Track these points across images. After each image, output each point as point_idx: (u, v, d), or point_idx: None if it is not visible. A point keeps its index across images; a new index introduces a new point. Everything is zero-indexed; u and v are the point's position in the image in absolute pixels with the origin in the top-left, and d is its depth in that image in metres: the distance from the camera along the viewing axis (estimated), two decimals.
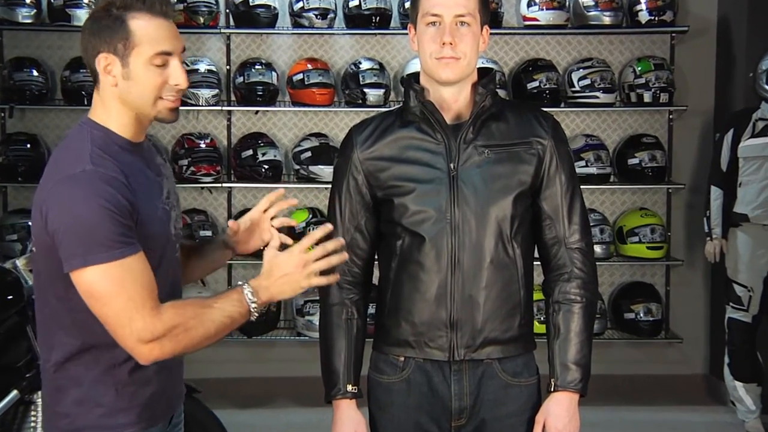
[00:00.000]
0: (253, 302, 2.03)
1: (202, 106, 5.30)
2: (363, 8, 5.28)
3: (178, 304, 1.99)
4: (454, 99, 2.34)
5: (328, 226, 2.15)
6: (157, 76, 2.03)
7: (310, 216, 5.44)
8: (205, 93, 5.25)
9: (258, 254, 2.27)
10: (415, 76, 2.41)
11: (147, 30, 2.01)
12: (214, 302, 2.02)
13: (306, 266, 2.06)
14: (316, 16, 5.30)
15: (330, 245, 2.08)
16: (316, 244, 2.10)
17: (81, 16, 5.18)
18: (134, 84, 2.03)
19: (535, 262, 2.43)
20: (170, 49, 2.04)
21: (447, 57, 2.26)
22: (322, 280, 2.09)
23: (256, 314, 2.05)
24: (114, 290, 1.92)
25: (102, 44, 2.02)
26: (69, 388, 2.06)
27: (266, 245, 2.22)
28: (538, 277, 2.44)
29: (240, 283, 2.06)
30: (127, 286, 1.92)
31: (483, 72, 2.40)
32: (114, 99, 2.06)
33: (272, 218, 2.36)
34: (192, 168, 5.30)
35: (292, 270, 2.05)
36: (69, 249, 1.92)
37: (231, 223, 2.36)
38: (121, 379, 2.06)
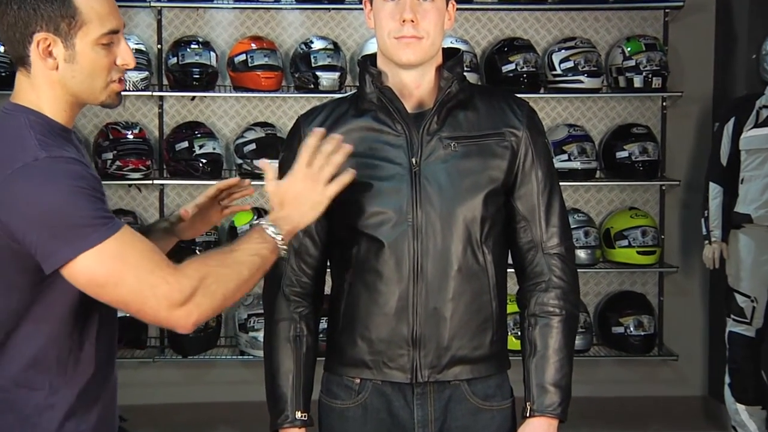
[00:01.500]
0: (277, 235, 2.09)
1: (130, 91, 5.27)
2: None
3: (197, 257, 2.03)
4: (415, 84, 2.35)
5: (320, 131, 2.18)
6: (104, 57, 2.05)
7: (255, 217, 5.42)
8: (133, 76, 5.22)
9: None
10: (372, 57, 2.41)
11: (94, 6, 2.02)
12: (235, 245, 2.07)
13: (315, 179, 2.14)
14: None
15: (328, 147, 2.16)
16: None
17: None
18: (80, 68, 2.04)
19: (508, 270, 2.44)
20: (117, 27, 2.07)
21: (408, 36, 2.27)
22: (338, 185, 2.16)
23: (284, 250, 2.12)
24: (119, 267, 1.92)
25: (39, 22, 2.00)
26: None
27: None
28: (514, 287, 2.45)
29: (255, 222, 2.10)
30: (130, 258, 1.93)
31: (449, 53, 2.41)
32: (51, 84, 2.05)
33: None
34: (118, 162, 5.26)
35: (302, 189, 2.14)
36: (50, 244, 1.90)
37: (183, 210, 2.42)
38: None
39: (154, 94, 5.44)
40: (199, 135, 5.39)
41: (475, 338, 2.35)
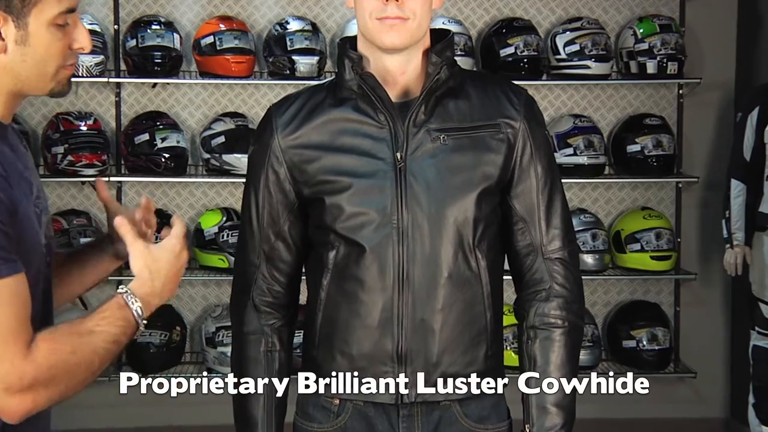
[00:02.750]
0: (142, 318, 2.04)
1: (83, 76, 5.26)
2: None
3: (53, 337, 1.96)
4: (400, 70, 2.35)
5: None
6: (59, 39, 2.03)
7: (224, 218, 5.42)
8: (87, 60, 5.21)
9: None
10: (352, 40, 2.41)
11: None
12: (94, 325, 2.00)
13: (180, 254, 2.12)
14: None
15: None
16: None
17: None
18: (32, 51, 2.01)
19: (505, 277, 2.45)
20: (74, 5, 2.05)
21: (391, 17, 2.27)
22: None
23: (143, 328, 2.07)
24: None
25: None
26: None
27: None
28: (512, 296, 2.46)
29: (121, 291, 2.06)
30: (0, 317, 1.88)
31: (439, 36, 2.41)
32: None
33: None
34: (70, 157, 5.25)
35: (173, 257, 2.11)
36: None
37: (118, 219, 2.21)
38: None
39: (111, 80, 5.43)
40: (161, 126, 5.38)
41: (468, 353, 2.35)
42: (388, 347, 2.33)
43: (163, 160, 5.32)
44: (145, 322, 2.06)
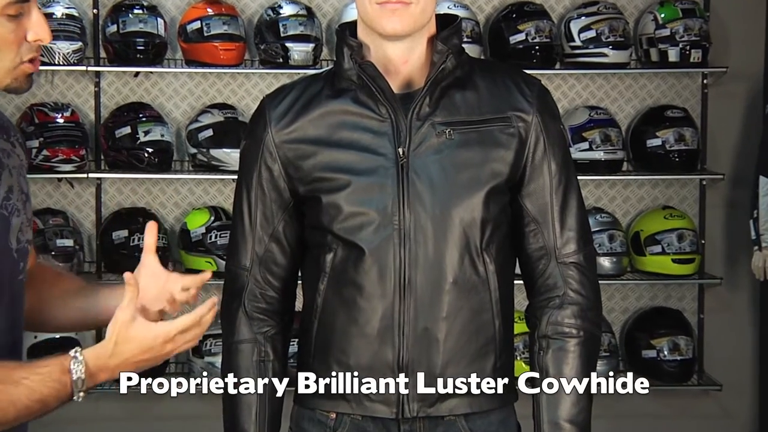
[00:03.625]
0: (79, 389, 1.99)
1: (59, 65, 5.27)
2: None
3: None
4: (403, 59, 2.35)
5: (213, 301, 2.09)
6: (11, 31, 2.02)
7: (212, 218, 5.43)
8: (63, 47, 5.21)
9: None
10: (352, 26, 2.42)
11: None
12: (23, 375, 1.96)
13: (169, 342, 2.05)
14: None
15: (209, 317, 2.05)
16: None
17: None
18: None
19: (516, 282, 2.46)
20: None
21: (393, 1, 2.27)
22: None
23: (79, 399, 2.01)
24: None
25: None
26: None
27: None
28: (523, 302, 2.46)
29: (72, 353, 1.99)
30: None
31: (445, 21, 2.42)
32: None
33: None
34: (45, 152, 5.26)
35: (150, 346, 2.04)
36: None
37: (128, 275, 2.14)
38: None
39: (90, 69, 5.43)
40: (144, 119, 5.38)
41: (474, 364, 2.36)
42: (389, 357, 2.33)
43: (146, 155, 5.33)
44: (82, 394, 1.99)
